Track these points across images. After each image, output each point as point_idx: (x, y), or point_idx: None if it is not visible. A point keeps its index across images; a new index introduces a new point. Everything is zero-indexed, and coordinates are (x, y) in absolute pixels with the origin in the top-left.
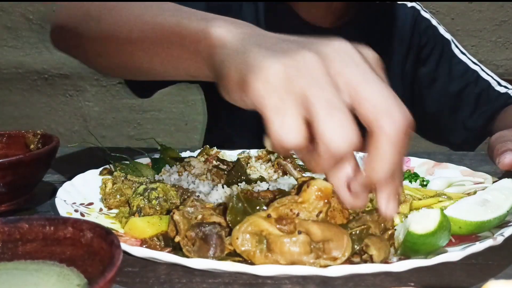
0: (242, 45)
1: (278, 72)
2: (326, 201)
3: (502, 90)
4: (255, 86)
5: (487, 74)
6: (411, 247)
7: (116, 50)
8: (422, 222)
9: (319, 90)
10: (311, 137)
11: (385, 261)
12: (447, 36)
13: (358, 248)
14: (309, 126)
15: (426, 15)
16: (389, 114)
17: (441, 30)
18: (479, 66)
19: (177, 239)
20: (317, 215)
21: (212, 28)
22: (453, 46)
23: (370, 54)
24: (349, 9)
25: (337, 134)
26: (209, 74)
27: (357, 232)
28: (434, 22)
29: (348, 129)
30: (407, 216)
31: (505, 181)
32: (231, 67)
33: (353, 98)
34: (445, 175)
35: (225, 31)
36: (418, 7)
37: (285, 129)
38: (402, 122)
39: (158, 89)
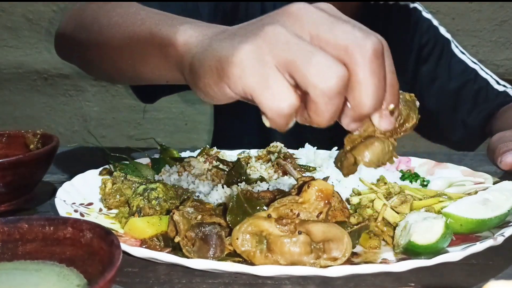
0: (208, 43)
1: (249, 50)
2: (326, 201)
3: (500, 88)
4: (232, 71)
5: (485, 73)
6: (411, 252)
7: (104, 57)
8: (425, 233)
9: (291, 48)
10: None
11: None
12: (447, 36)
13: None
14: (299, 89)
15: (427, 15)
16: (356, 43)
17: (442, 30)
18: (478, 65)
19: (177, 239)
20: (318, 216)
21: (177, 34)
22: (453, 46)
23: (324, 5)
24: (358, 10)
25: (321, 71)
26: (182, 78)
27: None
28: (435, 22)
29: (331, 63)
30: (404, 216)
31: (506, 183)
32: (204, 65)
33: (321, 45)
34: (446, 175)
35: (189, 36)
36: (420, 7)
37: (276, 96)
38: (371, 45)
39: (161, 96)
